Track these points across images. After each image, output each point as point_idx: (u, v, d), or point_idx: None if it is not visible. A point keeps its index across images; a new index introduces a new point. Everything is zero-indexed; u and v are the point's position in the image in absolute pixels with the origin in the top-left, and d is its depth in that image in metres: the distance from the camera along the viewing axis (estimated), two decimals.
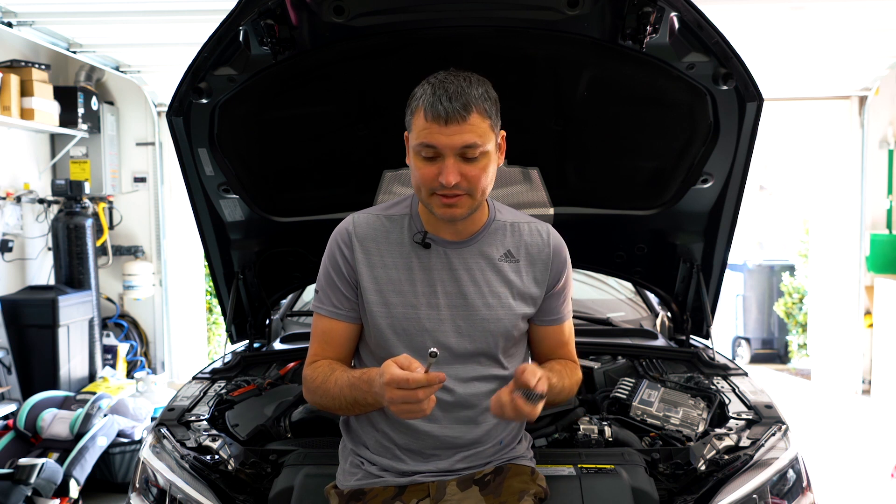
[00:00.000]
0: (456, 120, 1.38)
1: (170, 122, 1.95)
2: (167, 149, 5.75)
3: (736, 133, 1.93)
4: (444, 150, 1.40)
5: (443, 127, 1.39)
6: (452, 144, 1.40)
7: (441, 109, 1.38)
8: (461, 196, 1.44)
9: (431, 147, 1.41)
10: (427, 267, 1.54)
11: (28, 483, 3.31)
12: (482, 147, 1.42)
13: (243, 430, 1.96)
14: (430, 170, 1.43)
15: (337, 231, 1.60)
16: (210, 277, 3.72)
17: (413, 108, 1.45)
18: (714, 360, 2.31)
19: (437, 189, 1.43)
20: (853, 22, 4.24)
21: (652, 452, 1.79)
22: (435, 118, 1.39)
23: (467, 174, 1.42)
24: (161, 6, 3.91)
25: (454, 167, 1.40)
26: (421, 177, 1.44)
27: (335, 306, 1.57)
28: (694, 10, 1.65)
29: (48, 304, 4.61)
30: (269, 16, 1.67)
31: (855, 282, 5.84)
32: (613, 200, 2.29)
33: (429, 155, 1.42)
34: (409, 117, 1.46)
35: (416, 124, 1.43)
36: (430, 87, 1.42)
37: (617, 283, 3.23)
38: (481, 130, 1.41)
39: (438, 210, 1.46)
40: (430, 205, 1.47)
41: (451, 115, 1.38)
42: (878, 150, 5.78)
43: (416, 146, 1.43)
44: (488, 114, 1.43)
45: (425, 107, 1.40)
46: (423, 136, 1.41)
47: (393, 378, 1.30)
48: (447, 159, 1.41)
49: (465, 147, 1.40)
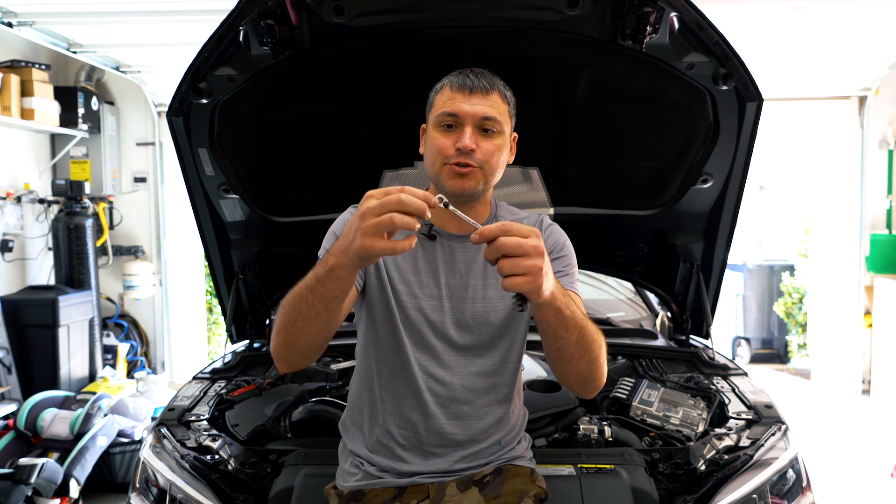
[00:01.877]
0: (480, 92, 1.45)
1: (170, 122, 1.95)
2: (167, 149, 5.75)
3: (736, 133, 1.93)
4: (464, 118, 1.44)
5: (467, 96, 1.44)
6: (474, 113, 1.44)
7: (468, 81, 1.45)
8: (474, 168, 1.46)
9: (452, 115, 1.45)
10: (431, 259, 1.55)
11: (28, 483, 3.31)
12: (500, 124, 1.46)
13: (243, 430, 1.96)
14: (448, 139, 1.46)
15: (347, 212, 1.57)
16: (210, 277, 3.72)
17: (437, 89, 1.51)
18: (714, 360, 2.31)
19: (451, 158, 1.45)
20: (853, 22, 4.24)
21: (652, 452, 1.79)
22: (460, 88, 1.45)
23: (482, 146, 1.45)
24: (161, 6, 3.91)
25: (472, 134, 1.44)
26: (437, 147, 1.47)
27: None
28: (694, 10, 1.65)
29: (48, 304, 4.61)
30: (269, 16, 1.67)
31: (855, 282, 5.84)
32: (613, 200, 2.29)
33: (448, 123, 1.46)
34: (433, 97, 1.51)
35: (438, 100, 1.48)
36: (457, 71, 1.49)
37: (617, 283, 3.23)
38: (501, 110, 1.47)
39: (449, 181, 1.47)
40: (440, 176, 1.48)
41: (476, 86, 1.45)
42: (877, 150, 5.78)
43: (437, 117, 1.47)
44: (507, 101, 1.50)
45: (451, 82, 1.47)
46: (445, 106, 1.46)
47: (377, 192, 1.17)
48: (466, 126, 1.44)
49: (485, 118, 1.45)
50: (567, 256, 1.60)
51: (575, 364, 1.38)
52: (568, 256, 1.61)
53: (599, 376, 1.44)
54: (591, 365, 1.39)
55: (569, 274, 1.59)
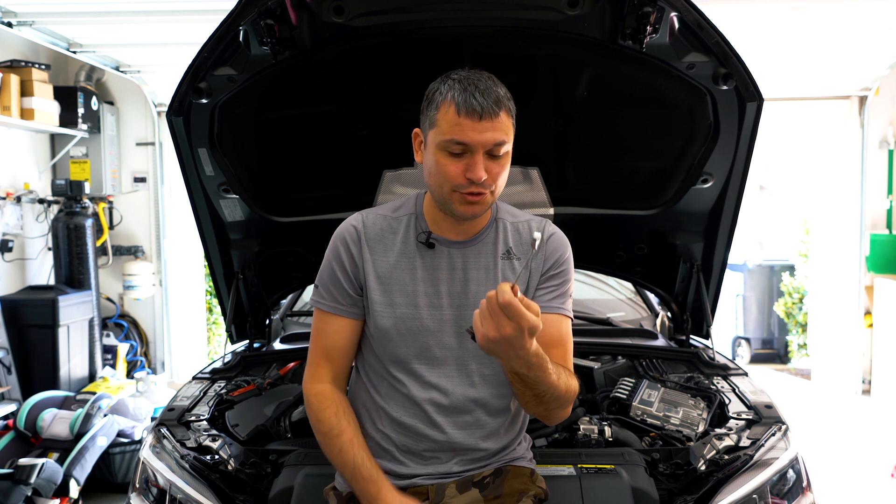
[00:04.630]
0: (489, 116, 1.38)
1: (170, 122, 1.95)
2: (167, 149, 5.74)
3: (736, 133, 1.93)
4: (474, 147, 1.39)
5: (476, 123, 1.38)
6: (484, 141, 1.39)
7: (476, 104, 1.37)
8: (485, 194, 1.44)
9: (461, 144, 1.40)
10: (431, 267, 1.54)
11: (28, 483, 3.30)
12: (508, 145, 1.43)
13: (243, 430, 1.96)
14: (457, 166, 1.41)
15: (344, 228, 1.58)
16: (210, 277, 3.72)
17: (437, 104, 1.42)
18: (714, 360, 2.31)
19: (462, 186, 1.42)
20: (853, 22, 4.24)
21: (652, 452, 1.79)
22: (469, 113, 1.38)
23: (492, 171, 1.42)
24: (161, 6, 3.91)
25: (482, 163, 1.40)
26: (445, 173, 1.42)
27: (337, 302, 1.56)
28: (694, 10, 1.65)
29: (48, 304, 4.61)
30: (269, 16, 1.67)
31: (855, 282, 5.83)
32: (613, 200, 2.29)
33: (457, 151, 1.41)
34: (433, 113, 1.43)
35: (443, 119, 1.41)
36: (457, 83, 1.41)
37: (617, 283, 3.23)
38: (507, 128, 1.42)
39: (459, 207, 1.45)
40: (449, 201, 1.45)
41: (486, 110, 1.38)
42: (878, 150, 5.78)
43: (444, 142, 1.41)
44: (511, 113, 1.44)
45: (458, 102, 1.39)
46: (454, 132, 1.39)
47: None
48: (476, 155, 1.40)
49: (496, 144, 1.40)
50: (564, 272, 1.57)
51: (527, 406, 1.47)
52: (565, 272, 1.57)
53: (555, 418, 1.50)
54: (548, 412, 1.47)
55: (561, 294, 1.56)
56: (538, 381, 1.35)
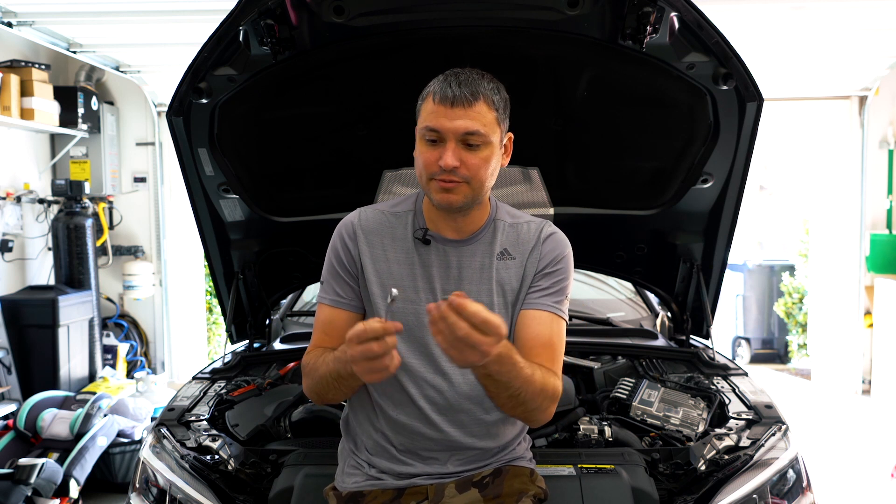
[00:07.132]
0: (462, 104, 1.40)
1: (170, 122, 1.95)
2: (167, 149, 5.74)
3: (736, 133, 1.93)
4: (446, 134, 1.42)
5: (448, 110, 1.40)
6: (455, 129, 1.41)
7: (449, 92, 1.41)
8: (459, 183, 1.44)
9: (435, 131, 1.42)
10: (426, 264, 1.55)
11: (28, 483, 3.31)
12: (485, 136, 1.43)
13: (243, 430, 1.96)
14: (432, 154, 1.44)
15: (342, 223, 1.60)
16: (210, 277, 3.72)
17: (423, 96, 1.48)
18: (714, 360, 2.31)
19: (436, 174, 1.44)
20: (853, 22, 4.24)
21: (652, 452, 1.79)
22: (442, 100, 1.41)
23: (467, 161, 1.43)
24: (161, 6, 3.91)
25: (455, 151, 1.42)
26: (423, 161, 1.46)
27: (338, 295, 1.57)
28: (694, 10, 1.65)
29: (48, 304, 4.61)
30: (269, 16, 1.67)
31: (855, 282, 5.83)
32: (613, 200, 2.29)
33: (432, 138, 1.44)
34: (419, 105, 1.48)
35: (423, 109, 1.46)
36: (444, 76, 1.45)
37: (617, 283, 3.23)
38: (486, 120, 1.43)
39: (436, 196, 1.47)
40: (429, 191, 1.48)
41: (458, 98, 1.40)
42: (878, 150, 5.78)
43: (421, 130, 1.46)
44: (495, 106, 1.44)
45: (434, 90, 1.43)
46: (428, 120, 1.43)
47: (352, 333, 1.26)
48: (448, 142, 1.42)
49: (468, 133, 1.41)
50: (561, 271, 1.55)
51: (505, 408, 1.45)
52: (562, 271, 1.55)
53: (538, 420, 1.49)
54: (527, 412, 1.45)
55: (554, 293, 1.53)
56: (511, 378, 1.35)
